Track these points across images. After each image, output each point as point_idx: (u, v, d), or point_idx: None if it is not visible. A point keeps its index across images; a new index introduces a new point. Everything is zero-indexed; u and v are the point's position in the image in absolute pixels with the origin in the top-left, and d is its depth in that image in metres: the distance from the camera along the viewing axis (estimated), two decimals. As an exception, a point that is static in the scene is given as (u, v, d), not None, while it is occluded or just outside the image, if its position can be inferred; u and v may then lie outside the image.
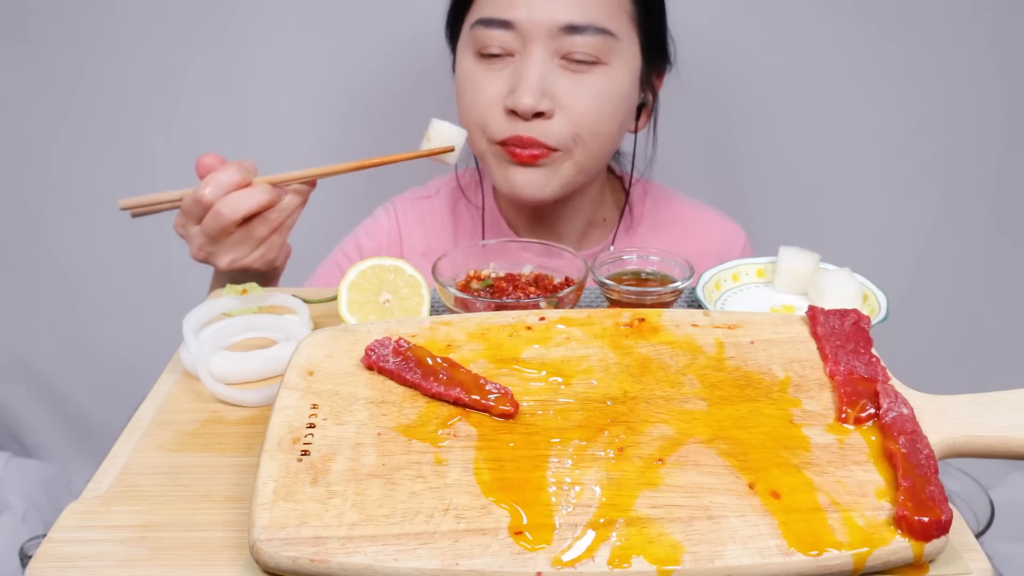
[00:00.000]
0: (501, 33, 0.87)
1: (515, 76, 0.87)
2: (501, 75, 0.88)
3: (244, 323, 0.72)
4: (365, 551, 0.44)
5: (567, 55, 0.87)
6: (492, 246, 0.80)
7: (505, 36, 0.87)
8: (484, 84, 0.89)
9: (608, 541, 0.45)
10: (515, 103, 0.86)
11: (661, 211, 1.07)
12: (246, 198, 0.75)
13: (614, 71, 0.89)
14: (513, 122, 0.88)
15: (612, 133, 0.92)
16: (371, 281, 0.73)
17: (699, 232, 1.06)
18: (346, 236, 1.09)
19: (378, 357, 0.57)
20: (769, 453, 0.50)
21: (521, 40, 0.87)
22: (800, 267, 0.81)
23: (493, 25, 0.87)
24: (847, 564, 0.44)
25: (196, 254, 0.79)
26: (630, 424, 0.53)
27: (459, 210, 1.08)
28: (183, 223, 0.78)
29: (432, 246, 1.06)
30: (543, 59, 0.86)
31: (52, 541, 0.50)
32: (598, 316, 0.63)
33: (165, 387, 0.66)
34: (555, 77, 0.87)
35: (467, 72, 0.91)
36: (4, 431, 1.52)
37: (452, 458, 0.50)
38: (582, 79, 0.87)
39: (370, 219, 1.09)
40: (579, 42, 0.86)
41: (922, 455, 0.49)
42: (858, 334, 0.60)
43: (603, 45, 0.87)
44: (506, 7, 0.86)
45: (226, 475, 0.56)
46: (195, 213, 0.76)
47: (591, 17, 0.85)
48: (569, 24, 0.85)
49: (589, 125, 0.89)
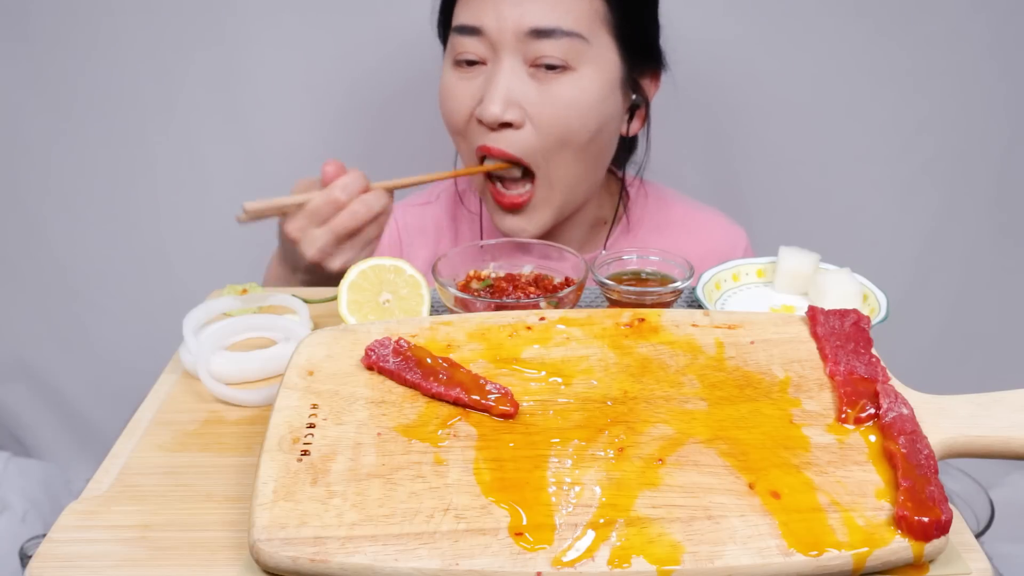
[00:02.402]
0: (473, 40, 0.88)
1: (485, 85, 0.88)
2: (474, 84, 0.90)
3: (244, 323, 0.72)
4: (365, 551, 0.44)
5: (536, 61, 0.87)
6: (492, 246, 0.80)
7: (477, 44, 0.88)
8: (458, 93, 0.91)
9: (608, 541, 0.45)
10: (481, 113, 0.87)
11: (661, 213, 1.07)
12: (375, 199, 0.81)
13: (584, 77, 0.88)
14: (484, 132, 0.89)
15: (584, 143, 0.90)
16: (371, 281, 0.73)
17: (700, 234, 1.06)
18: None
19: (378, 357, 0.57)
20: (769, 453, 0.50)
21: (492, 48, 0.88)
22: (800, 267, 0.81)
23: (465, 32, 0.88)
24: (847, 564, 0.44)
25: (315, 256, 0.82)
26: (630, 424, 0.53)
27: (459, 215, 1.08)
28: (304, 226, 0.81)
29: (433, 252, 1.06)
30: (512, 67, 0.87)
31: (52, 541, 0.50)
32: (598, 316, 0.63)
33: (165, 387, 0.66)
34: (524, 86, 0.87)
35: (444, 80, 0.93)
36: (4, 431, 1.52)
37: (452, 458, 0.50)
38: (549, 88, 0.87)
39: None
40: (547, 47, 0.86)
41: (922, 455, 0.49)
42: (858, 334, 0.60)
43: (572, 49, 0.86)
44: (476, 14, 0.87)
45: (226, 475, 0.56)
46: (324, 214, 0.79)
47: (558, 21, 0.86)
48: (535, 28, 0.85)
49: (557, 135, 0.88)
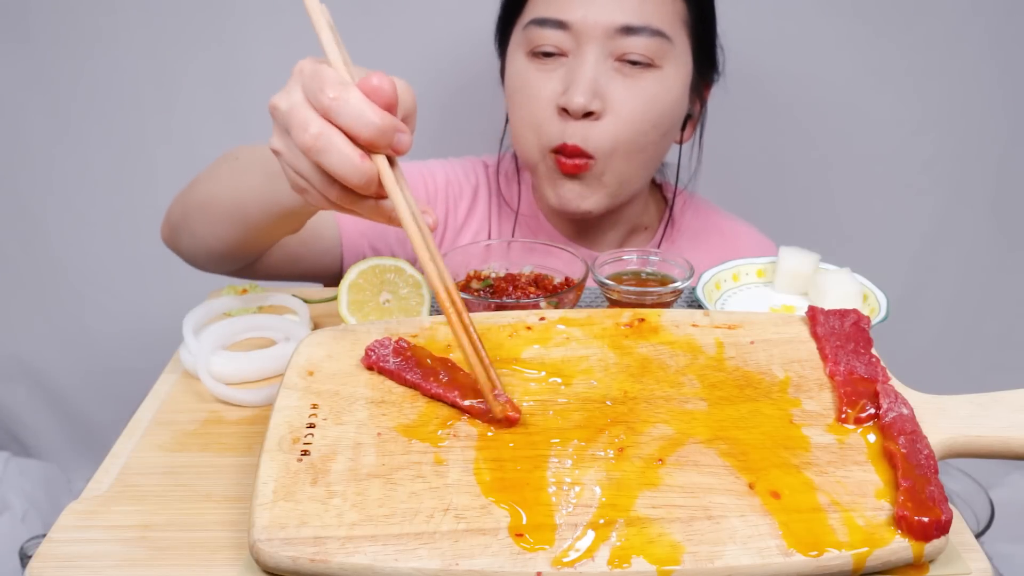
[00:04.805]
0: (556, 33, 0.87)
1: (568, 76, 0.87)
2: (554, 75, 0.88)
3: (244, 323, 0.72)
4: (365, 551, 0.44)
5: (621, 56, 0.87)
6: (492, 246, 0.80)
7: (560, 36, 0.87)
8: (538, 84, 0.89)
9: (608, 541, 0.45)
10: (567, 101, 0.86)
11: (700, 222, 1.07)
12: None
13: (667, 75, 0.88)
14: (563, 124, 0.88)
15: (654, 141, 0.91)
16: (371, 281, 0.73)
17: (736, 244, 1.06)
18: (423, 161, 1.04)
19: (378, 357, 0.57)
20: (769, 453, 0.50)
21: (575, 40, 0.87)
22: (800, 267, 0.81)
23: (548, 25, 0.87)
24: (847, 564, 0.44)
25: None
26: (630, 424, 0.53)
27: (502, 203, 1.07)
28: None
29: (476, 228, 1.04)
30: (597, 59, 0.86)
31: (52, 541, 0.50)
32: (598, 316, 0.63)
33: (165, 387, 0.67)
34: (607, 79, 0.87)
35: (520, 72, 0.91)
36: (4, 431, 1.52)
37: (452, 458, 0.50)
38: (634, 82, 0.87)
39: (447, 164, 1.05)
40: (634, 43, 0.86)
41: (922, 455, 0.49)
42: (858, 334, 0.60)
43: (658, 48, 0.87)
44: (562, 7, 0.87)
45: (226, 475, 0.56)
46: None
47: (647, 19, 0.86)
48: (625, 25, 0.85)
49: (634, 130, 0.88)
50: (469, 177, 1.04)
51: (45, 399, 1.49)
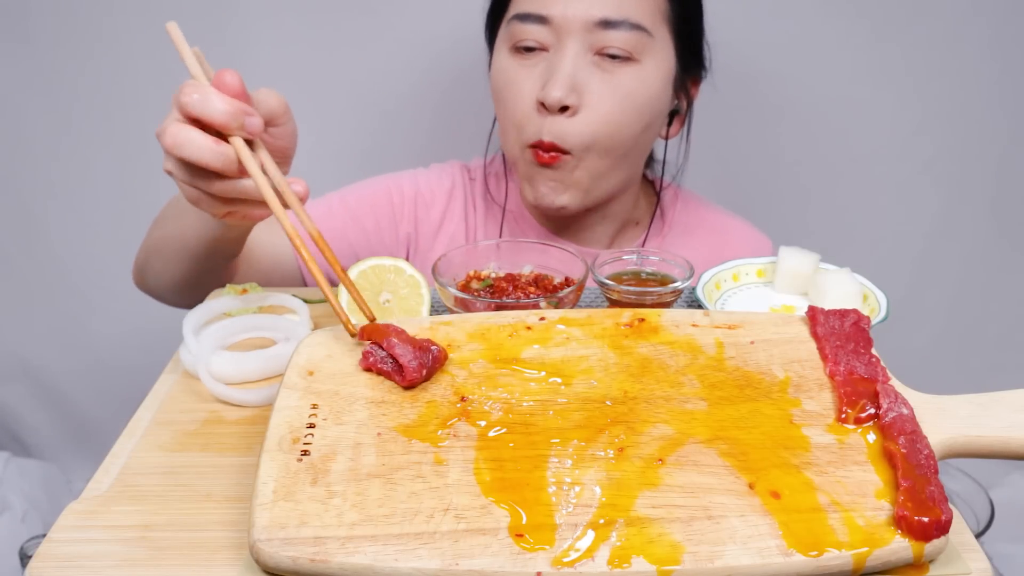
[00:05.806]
0: (537, 27, 0.88)
1: (548, 70, 0.88)
2: (535, 71, 0.89)
3: (244, 323, 0.72)
4: (365, 551, 0.44)
5: (600, 50, 0.87)
6: (492, 246, 0.80)
7: (541, 31, 0.88)
8: (519, 80, 0.90)
9: (608, 541, 0.45)
10: (545, 95, 0.87)
11: (691, 216, 1.07)
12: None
13: (645, 69, 0.89)
14: (542, 120, 0.89)
15: (633, 136, 0.91)
16: (371, 281, 0.73)
17: (728, 240, 1.06)
18: (390, 174, 1.05)
19: (376, 359, 0.57)
20: (769, 453, 0.50)
21: (556, 35, 0.88)
22: (800, 267, 0.81)
23: (529, 20, 0.89)
24: (847, 564, 0.44)
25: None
26: (630, 424, 0.53)
27: (489, 202, 1.07)
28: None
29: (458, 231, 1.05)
30: (576, 53, 0.87)
31: (52, 541, 0.50)
32: (598, 316, 0.63)
33: (165, 387, 0.66)
34: (587, 73, 0.88)
35: (503, 68, 0.92)
36: (4, 431, 1.52)
37: (452, 458, 0.50)
38: (611, 77, 0.88)
39: (426, 172, 1.06)
40: (613, 37, 0.87)
41: (922, 455, 0.49)
42: (858, 334, 0.60)
43: (637, 41, 0.87)
44: (543, 2, 0.88)
45: (226, 475, 0.56)
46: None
47: (626, 12, 0.87)
48: (604, 19, 0.86)
49: (610, 125, 0.89)
50: (443, 181, 1.06)
51: (45, 399, 1.49)
